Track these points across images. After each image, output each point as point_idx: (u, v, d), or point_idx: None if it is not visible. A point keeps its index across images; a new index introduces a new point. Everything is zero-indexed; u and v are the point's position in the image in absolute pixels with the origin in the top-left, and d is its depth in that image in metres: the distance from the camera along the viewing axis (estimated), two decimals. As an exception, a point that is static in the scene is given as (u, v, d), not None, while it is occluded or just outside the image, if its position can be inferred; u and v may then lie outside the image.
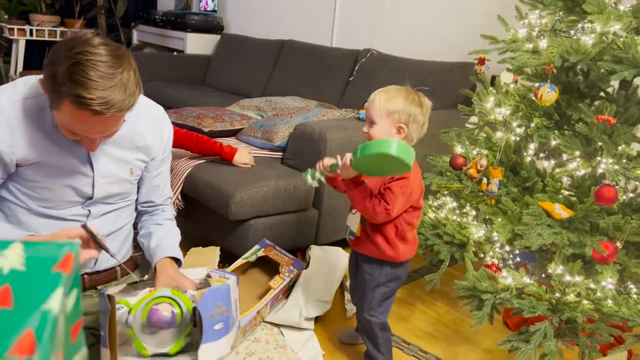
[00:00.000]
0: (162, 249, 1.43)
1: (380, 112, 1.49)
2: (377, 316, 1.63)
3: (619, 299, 1.62)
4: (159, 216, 1.52)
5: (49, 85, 1.08)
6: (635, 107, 1.66)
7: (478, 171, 1.88)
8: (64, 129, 1.16)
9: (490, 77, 2.65)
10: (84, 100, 1.04)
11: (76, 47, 1.05)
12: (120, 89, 1.07)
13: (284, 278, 1.94)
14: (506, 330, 2.04)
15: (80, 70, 1.03)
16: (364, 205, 1.49)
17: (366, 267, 1.61)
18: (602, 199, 1.55)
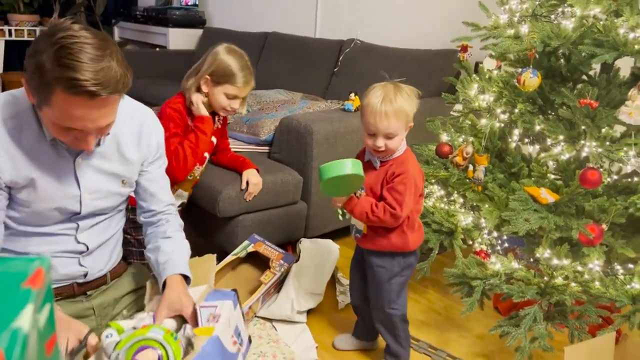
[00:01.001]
0: (171, 265, 1.36)
1: (400, 122, 1.44)
2: (398, 308, 1.62)
3: (606, 281, 1.64)
4: (164, 227, 1.45)
5: (36, 77, 1.03)
6: (616, 89, 1.67)
7: (464, 159, 1.89)
8: (56, 129, 1.11)
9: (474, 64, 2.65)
10: (78, 82, 1.00)
11: (58, 32, 1.02)
12: (112, 69, 1.04)
13: (274, 272, 1.94)
14: (497, 315, 2.06)
15: (68, 53, 1.00)
16: (369, 221, 1.49)
17: (377, 261, 1.59)
18: (587, 182, 1.56)
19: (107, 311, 1.41)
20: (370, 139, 1.47)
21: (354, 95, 2.53)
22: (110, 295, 1.42)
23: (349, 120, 2.41)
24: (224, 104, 1.89)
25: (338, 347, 1.80)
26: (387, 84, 1.46)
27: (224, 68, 1.86)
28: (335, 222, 2.50)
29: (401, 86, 1.46)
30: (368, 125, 1.46)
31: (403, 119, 1.44)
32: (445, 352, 1.83)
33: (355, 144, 2.38)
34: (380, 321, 1.66)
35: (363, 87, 2.98)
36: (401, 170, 1.48)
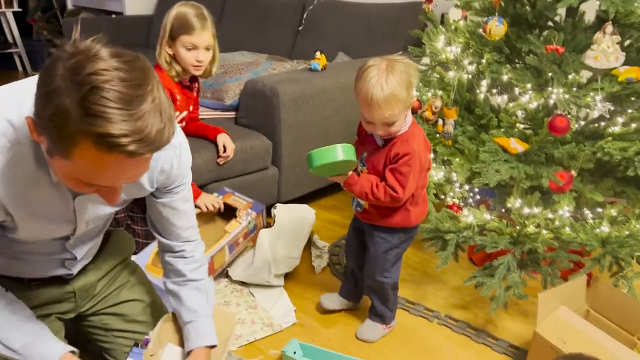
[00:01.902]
0: (199, 334, 1.25)
1: (397, 109, 1.33)
2: (391, 276, 1.61)
3: (576, 226, 1.66)
4: (185, 262, 1.29)
5: (53, 126, 0.78)
6: (582, 34, 1.65)
7: (433, 113, 1.86)
8: (73, 182, 0.89)
9: (440, 15, 2.60)
10: (114, 140, 0.77)
11: (84, 66, 0.76)
12: (155, 114, 0.80)
13: (240, 222, 1.90)
14: (472, 266, 2.09)
15: (100, 98, 0.75)
16: (369, 200, 1.46)
17: (377, 233, 1.56)
18: (556, 129, 1.55)
19: (89, 292, 1.34)
20: (369, 126, 1.39)
21: (320, 53, 2.46)
22: (94, 276, 1.34)
23: (316, 80, 2.35)
24: (188, 59, 1.80)
25: (325, 306, 1.78)
26: (380, 63, 1.34)
27: (176, 20, 1.79)
28: (308, 186, 2.47)
29: (395, 65, 1.33)
30: (364, 114, 1.38)
31: (398, 104, 1.32)
32: (423, 305, 1.86)
33: (324, 104, 2.34)
34: (371, 288, 1.66)
35: (329, 45, 2.92)
36: (405, 150, 1.40)
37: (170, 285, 1.31)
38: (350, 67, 2.63)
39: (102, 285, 1.36)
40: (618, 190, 1.78)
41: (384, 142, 1.45)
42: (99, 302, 1.36)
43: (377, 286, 1.64)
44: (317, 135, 2.35)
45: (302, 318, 1.77)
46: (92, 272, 1.33)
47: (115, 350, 1.36)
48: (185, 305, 1.28)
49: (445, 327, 1.76)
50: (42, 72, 0.81)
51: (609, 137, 1.64)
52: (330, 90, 2.36)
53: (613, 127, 1.71)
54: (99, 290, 1.36)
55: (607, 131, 1.71)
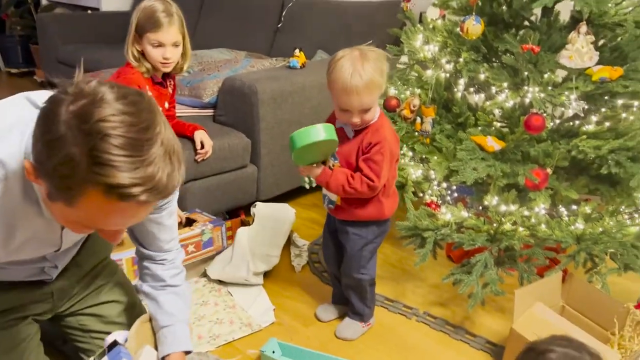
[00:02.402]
0: (175, 339, 1.23)
1: (374, 95, 1.36)
2: (367, 273, 1.61)
3: (551, 223, 1.68)
4: (165, 268, 1.27)
5: (58, 176, 0.75)
6: (557, 33, 1.67)
7: (411, 111, 1.87)
8: (74, 225, 0.86)
9: (419, 14, 2.61)
10: (125, 190, 0.74)
11: (90, 113, 0.73)
12: (165, 157, 0.77)
13: (192, 229, 1.88)
14: (450, 263, 2.10)
15: (110, 146, 0.72)
16: (345, 193, 1.44)
17: (352, 230, 1.56)
18: (531, 128, 1.57)
19: (67, 293, 1.31)
20: (344, 115, 1.39)
21: (299, 51, 2.45)
22: (73, 277, 1.30)
23: (294, 77, 2.34)
24: (155, 56, 1.77)
25: (322, 319, 1.75)
26: (352, 53, 1.35)
27: (142, 16, 1.76)
28: (288, 184, 2.46)
29: (367, 53, 1.36)
30: (340, 102, 1.38)
31: (376, 90, 1.35)
32: (401, 303, 1.86)
33: (302, 102, 2.33)
34: (349, 286, 1.65)
35: (308, 43, 2.91)
36: (377, 139, 1.41)
37: (147, 288, 1.28)
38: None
39: (81, 286, 1.33)
40: (592, 187, 1.81)
41: (354, 133, 1.46)
42: (77, 302, 1.33)
43: (355, 283, 1.63)
44: (296, 134, 2.35)
45: (281, 317, 1.76)
46: (72, 272, 1.30)
47: (93, 351, 1.34)
48: (162, 309, 1.25)
49: (423, 324, 1.77)
50: (43, 116, 0.76)
51: (583, 135, 1.66)
52: (309, 88, 2.35)
53: (587, 126, 1.74)
54: (77, 291, 1.33)
55: (582, 130, 1.73)
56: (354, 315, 1.70)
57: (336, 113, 1.44)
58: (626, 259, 1.61)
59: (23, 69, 4.84)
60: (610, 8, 1.59)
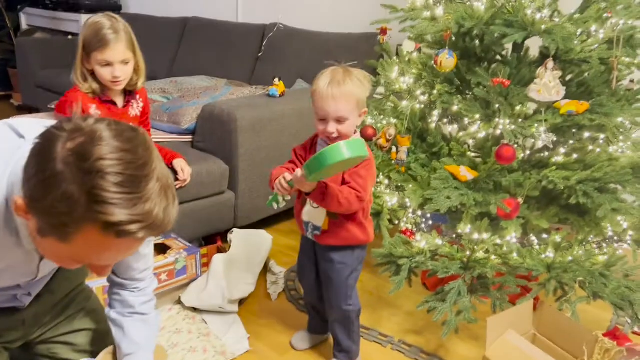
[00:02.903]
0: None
1: (350, 106, 1.38)
2: (353, 303, 1.59)
3: (523, 252, 1.72)
4: (135, 297, 1.25)
5: (55, 213, 0.75)
6: (526, 68, 1.74)
7: (387, 140, 1.91)
8: (63, 260, 0.86)
9: (396, 46, 2.68)
10: (123, 228, 0.75)
11: (88, 151, 0.73)
12: (160, 192, 0.78)
13: (166, 257, 1.87)
14: (425, 291, 2.12)
15: (109, 184, 0.73)
16: (340, 205, 1.40)
17: (337, 257, 1.53)
18: (502, 159, 1.62)
19: (39, 320, 1.27)
20: (322, 125, 1.41)
21: (278, 80, 2.49)
22: (47, 303, 1.27)
23: (274, 106, 2.38)
24: (104, 75, 1.71)
25: (298, 348, 1.74)
26: (336, 68, 1.41)
27: (88, 34, 1.68)
28: (265, 210, 2.47)
29: (351, 70, 1.40)
30: (317, 110, 1.41)
31: (353, 102, 1.38)
32: (377, 331, 1.87)
33: (281, 130, 2.36)
34: (337, 319, 1.62)
35: (288, 72, 2.96)
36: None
37: (114, 315, 1.26)
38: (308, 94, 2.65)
39: (54, 313, 1.30)
40: (562, 217, 1.86)
41: None
42: (49, 330, 1.30)
43: (342, 316, 1.60)
44: (274, 160, 2.36)
45: (256, 345, 1.75)
46: (45, 298, 1.26)
47: None
48: (127, 337, 1.23)
49: (398, 352, 1.77)
50: (38, 153, 0.76)
51: (553, 166, 1.72)
52: (288, 116, 2.38)
53: (556, 157, 1.80)
54: (50, 318, 1.29)
55: (551, 161, 1.79)
56: (341, 353, 1.65)
57: (316, 127, 1.45)
58: (595, 287, 1.64)
59: (0, 93, 4.80)
60: (576, 45, 1.67)
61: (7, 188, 0.88)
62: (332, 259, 1.54)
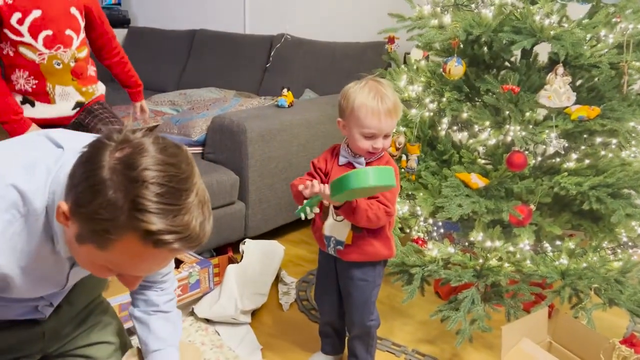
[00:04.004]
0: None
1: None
2: (375, 318, 1.57)
3: (536, 259, 1.70)
4: (159, 296, 1.27)
5: (98, 219, 0.78)
6: (536, 74, 1.73)
7: (397, 149, 1.91)
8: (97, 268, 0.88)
9: (404, 54, 2.69)
10: (162, 237, 0.77)
11: (135, 161, 0.77)
12: (198, 206, 0.81)
13: (180, 271, 1.87)
14: (438, 300, 2.10)
15: (153, 194, 0.76)
16: (368, 220, 1.36)
17: (358, 274, 1.49)
18: (513, 165, 1.61)
19: (58, 333, 1.27)
20: (368, 141, 1.36)
21: (287, 90, 2.50)
22: (66, 315, 1.27)
23: (283, 116, 2.39)
24: None
25: None
26: (368, 81, 1.37)
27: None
28: (275, 220, 2.47)
29: (380, 80, 1.37)
30: (367, 128, 1.34)
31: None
32: (390, 340, 1.85)
33: (290, 140, 2.37)
34: (358, 336, 1.59)
35: (296, 82, 2.97)
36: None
37: (139, 313, 1.28)
38: (316, 103, 2.68)
39: (72, 325, 1.30)
40: (575, 223, 1.84)
41: (365, 165, 1.42)
42: (68, 342, 1.29)
43: (365, 332, 1.57)
44: (283, 170, 2.37)
45: (269, 356, 1.74)
46: (64, 310, 1.26)
47: None
48: (153, 333, 1.25)
49: (412, 362, 1.76)
50: (86, 160, 0.80)
51: (564, 172, 1.70)
52: (297, 126, 2.39)
53: (568, 163, 1.78)
54: (69, 330, 1.30)
55: (563, 166, 1.78)
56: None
57: (356, 143, 1.38)
58: (610, 294, 1.63)
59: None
60: (585, 50, 1.66)
61: (48, 195, 0.91)
62: (354, 276, 1.50)
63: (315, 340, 1.76)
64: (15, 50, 1.78)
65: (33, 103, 1.88)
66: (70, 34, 1.86)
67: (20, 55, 1.78)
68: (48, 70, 1.84)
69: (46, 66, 1.83)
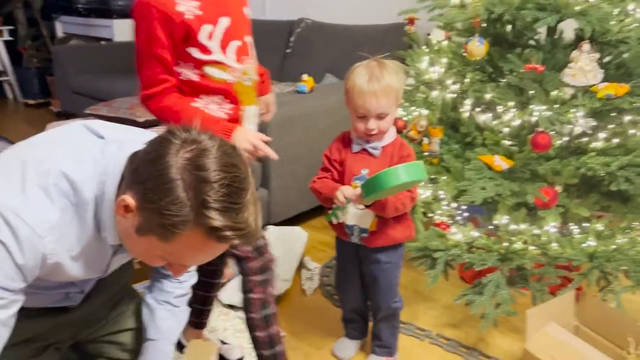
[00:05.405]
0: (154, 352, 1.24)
1: (391, 100, 1.35)
2: (399, 299, 1.59)
3: (562, 241, 1.67)
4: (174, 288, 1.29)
5: (165, 213, 0.82)
6: (561, 52, 1.68)
7: (418, 132, 1.88)
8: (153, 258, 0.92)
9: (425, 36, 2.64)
10: (224, 233, 0.83)
11: (204, 162, 0.82)
12: (252, 204, 0.86)
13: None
14: (464, 284, 2.08)
15: (218, 193, 0.81)
16: (396, 210, 1.39)
17: (383, 258, 1.50)
18: (538, 146, 1.58)
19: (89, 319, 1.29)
20: (361, 122, 1.38)
21: (307, 76, 2.49)
22: (96, 302, 1.28)
23: (303, 102, 2.38)
24: None
25: (343, 358, 1.69)
26: (370, 62, 1.37)
27: None
28: (298, 206, 2.48)
29: (385, 62, 1.37)
30: (357, 108, 1.36)
31: (392, 96, 1.35)
32: (414, 325, 1.85)
33: (311, 126, 2.36)
34: (384, 319, 1.61)
35: (316, 67, 2.95)
36: (408, 151, 1.42)
37: (150, 299, 1.30)
38: (337, 88, 2.64)
39: (102, 312, 1.33)
40: (604, 204, 1.80)
41: (381, 151, 1.43)
42: (98, 329, 1.33)
43: (390, 314, 1.59)
44: (305, 156, 2.37)
45: (292, 341, 1.76)
46: (94, 297, 1.28)
47: None
48: (155, 322, 1.27)
49: (437, 346, 1.75)
50: (154, 157, 0.84)
51: (592, 152, 1.66)
52: (318, 112, 2.38)
53: (596, 143, 1.73)
54: (98, 318, 1.33)
55: (590, 147, 1.73)
56: (382, 349, 1.64)
57: (353, 125, 1.41)
58: (640, 276, 1.59)
59: (39, 100, 4.95)
60: (613, 26, 1.60)
61: (97, 185, 0.93)
62: (380, 260, 1.51)
63: (338, 326, 1.77)
64: (201, 72, 1.37)
65: None
66: (249, 41, 1.52)
67: (206, 77, 1.38)
68: (240, 90, 1.45)
69: (238, 85, 1.44)
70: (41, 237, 0.90)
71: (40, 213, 0.89)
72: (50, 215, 0.91)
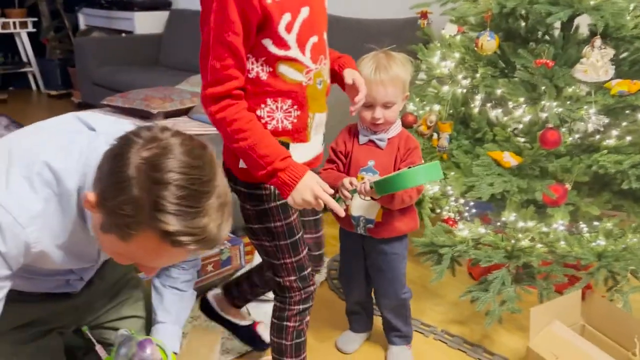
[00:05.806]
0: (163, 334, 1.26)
1: (397, 90, 1.37)
2: (407, 290, 1.59)
3: (571, 239, 1.65)
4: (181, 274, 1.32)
5: (121, 214, 0.80)
6: (573, 47, 1.65)
7: (428, 127, 1.87)
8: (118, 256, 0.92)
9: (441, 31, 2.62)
10: (179, 238, 0.80)
11: (161, 163, 0.79)
12: (218, 209, 0.82)
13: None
14: (471, 281, 2.07)
15: (173, 196, 0.78)
16: (403, 202, 1.40)
17: (388, 249, 1.51)
18: (547, 143, 1.56)
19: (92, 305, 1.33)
20: (368, 112, 1.39)
21: (320, 70, 2.48)
22: (98, 288, 1.32)
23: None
24: None
25: (347, 351, 1.70)
26: (377, 53, 1.39)
27: None
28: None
29: (393, 54, 1.39)
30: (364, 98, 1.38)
31: (399, 85, 1.37)
32: (420, 320, 1.84)
33: (323, 119, 2.35)
34: (392, 309, 1.61)
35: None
36: (414, 144, 1.43)
37: (157, 283, 1.33)
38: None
39: (105, 299, 1.36)
40: (616, 203, 1.77)
41: (388, 142, 1.44)
42: (100, 315, 1.36)
43: (400, 304, 1.60)
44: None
45: (298, 332, 1.77)
46: (96, 284, 1.32)
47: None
48: (163, 305, 1.30)
49: (441, 342, 1.74)
50: (114, 155, 0.82)
51: (604, 150, 1.63)
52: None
53: (608, 140, 1.71)
54: (101, 304, 1.36)
55: (603, 144, 1.70)
56: (400, 339, 1.65)
57: (360, 114, 1.42)
58: (650, 276, 1.56)
59: (61, 91, 5.05)
60: (628, 21, 1.57)
61: (79, 177, 0.94)
62: (385, 251, 1.51)
63: (344, 319, 1.77)
64: (272, 70, 1.13)
65: (287, 145, 1.20)
66: (326, 39, 1.28)
67: (278, 77, 1.13)
68: (312, 95, 1.20)
69: (311, 88, 1.20)
70: (23, 227, 0.90)
71: (23, 202, 0.90)
72: (33, 205, 0.91)
